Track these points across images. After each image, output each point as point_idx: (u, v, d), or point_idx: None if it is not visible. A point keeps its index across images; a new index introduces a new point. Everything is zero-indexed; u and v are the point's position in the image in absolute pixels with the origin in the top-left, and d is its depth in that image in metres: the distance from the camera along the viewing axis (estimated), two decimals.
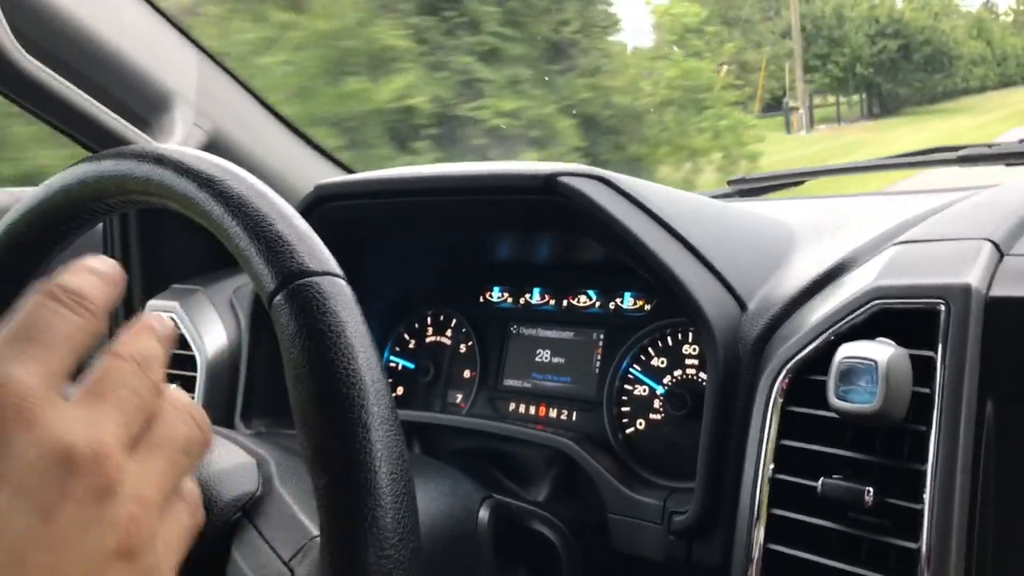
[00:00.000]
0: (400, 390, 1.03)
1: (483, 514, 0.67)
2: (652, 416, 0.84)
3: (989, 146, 1.02)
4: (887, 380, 0.54)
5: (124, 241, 1.07)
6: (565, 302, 0.95)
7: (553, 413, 0.91)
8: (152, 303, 1.02)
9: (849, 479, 0.57)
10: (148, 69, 0.93)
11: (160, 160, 0.50)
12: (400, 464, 0.42)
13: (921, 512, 0.54)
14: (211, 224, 0.49)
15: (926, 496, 0.53)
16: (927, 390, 0.55)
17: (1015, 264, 0.58)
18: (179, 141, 0.92)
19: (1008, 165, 1.01)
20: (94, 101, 0.86)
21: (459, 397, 0.99)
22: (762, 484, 0.61)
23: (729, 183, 1.17)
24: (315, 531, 0.48)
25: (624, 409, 0.86)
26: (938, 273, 0.58)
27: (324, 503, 0.41)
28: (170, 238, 1.07)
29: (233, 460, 0.56)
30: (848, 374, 0.56)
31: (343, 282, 0.46)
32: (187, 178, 0.49)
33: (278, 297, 0.44)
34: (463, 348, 1.00)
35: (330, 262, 0.47)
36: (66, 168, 0.56)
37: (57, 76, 0.83)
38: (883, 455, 0.57)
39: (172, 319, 0.98)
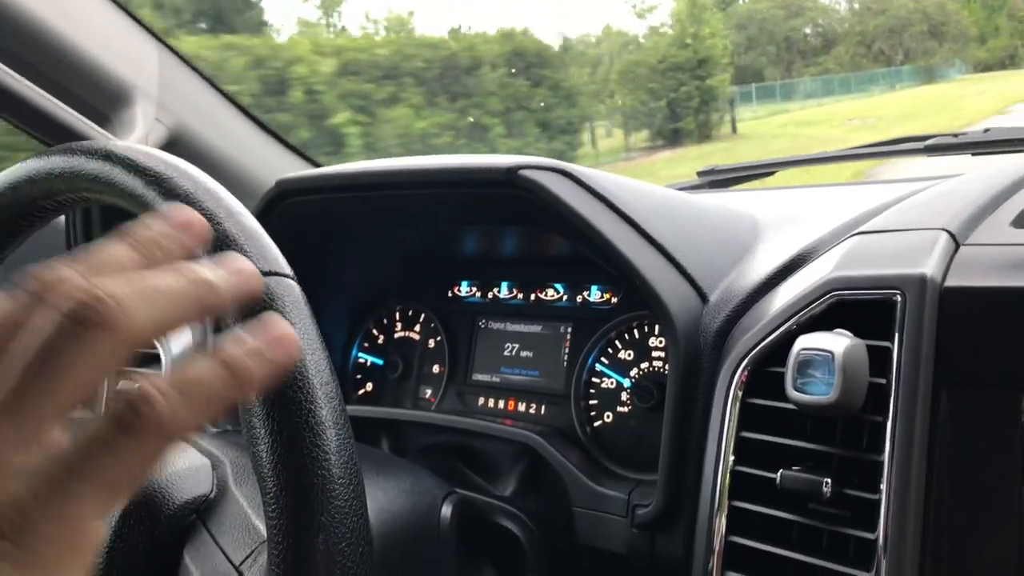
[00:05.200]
0: (369, 386, 1.02)
1: (446, 510, 0.67)
2: (620, 409, 0.84)
3: (955, 135, 1.02)
4: (843, 371, 0.54)
5: (87, 236, 1.05)
6: (533, 296, 0.94)
7: (522, 407, 0.91)
8: None
9: (808, 470, 0.57)
10: (106, 63, 0.91)
11: (109, 157, 0.49)
12: (349, 468, 0.41)
13: (878, 502, 0.54)
14: None
15: (883, 486, 0.53)
16: (884, 381, 0.55)
17: (970, 254, 0.58)
18: (140, 137, 0.91)
19: (974, 154, 1.01)
20: (50, 97, 0.85)
21: (428, 392, 0.98)
22: (723, 476, 0.61)
23: (699, 174, 1.17)
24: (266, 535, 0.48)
25: (592, 402, 0.86)
26: (894, 264, 0.58)
27: (272, 508, 0.40)
28: None
29: (187, 462, 0.55)
30: (805, 366, 0.56)
31: (292, 282, 0.45)
32: (135, 175, 0.48)
33: None
34: (432, 343, 0.99)
35: (279, 262, 0.46)
36: (14, 165, 0.55)
37: (11, 71, 0.81)
38: (842, 446, 0.57)
39: None
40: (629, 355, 0.85)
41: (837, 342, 0.55)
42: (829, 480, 0.55)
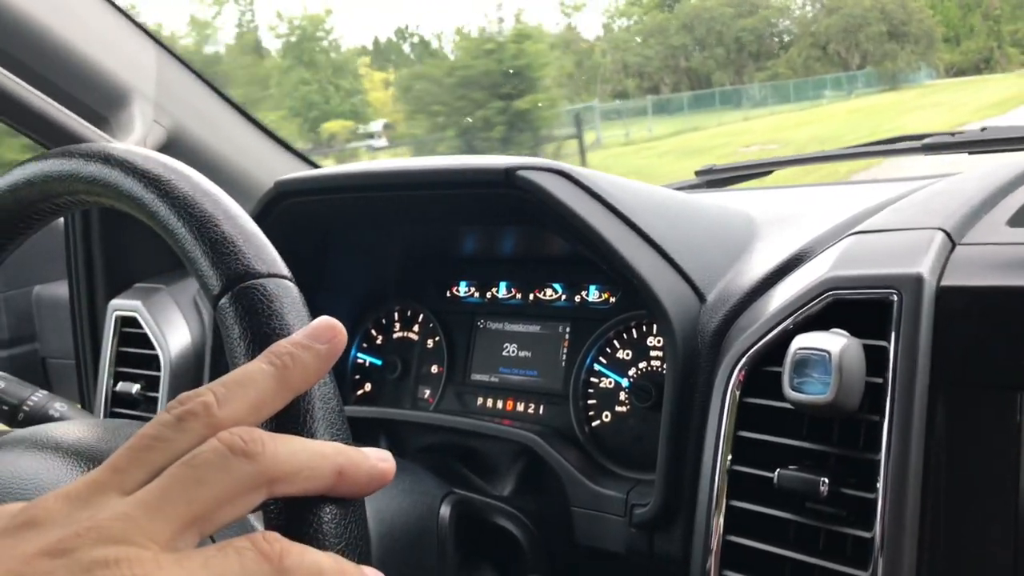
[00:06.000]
0: (368, 386, 1.03)
1: (444, 510, 0.67)
2: (618, 408, 0.84)
3: (952, 134, 1.02)
4: (840, 371, 0.54)
5: (86, 239, 1.06)
6: (532, 296, 0.95)
7: (520, 407, 0.91)
8: (115, 302, 1.01)
9: (805, 470, 0.57)
10: (104, 65, 0.91)
11: (108, 159, 0.49)
12: None
13: (875, 501, 0.54)
14: (158, 225, 0.48)
15: (879, 485, 0.54)
16: (880, 380, 0.55)
17: (966, 253, 0.58)
18: (138, 139, 0.91)
19: (971, 153, 1.01)
20: (49, 99, 0.85)
21: (427, 392, 0.98)
22: (720, 476, 0.61)
23: (697, 173, 1.17)
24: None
25: (591, 402, 0.86)
26: (891, 263, 0.58)
27: (269, 507, 0.40)
28: (133, 236, 1.05)
29: None
30: (802, 365, 0.56)
31: (290, 284, 0.45)
32: (134, 178, 0.48)
33: (223, 300, 0.43)
34: (431, 343, 1.00)
35: (277, 263, 0.46)
36: (12, 167, 0.56)
37: (9, 74, 0.81)
38: (839, 445, 0.58)
39: (135, 318, 0.98)
40: (627, 355, 0.85)
41: (834, 342, 0.55)
42: (826, 479, 0.55)
